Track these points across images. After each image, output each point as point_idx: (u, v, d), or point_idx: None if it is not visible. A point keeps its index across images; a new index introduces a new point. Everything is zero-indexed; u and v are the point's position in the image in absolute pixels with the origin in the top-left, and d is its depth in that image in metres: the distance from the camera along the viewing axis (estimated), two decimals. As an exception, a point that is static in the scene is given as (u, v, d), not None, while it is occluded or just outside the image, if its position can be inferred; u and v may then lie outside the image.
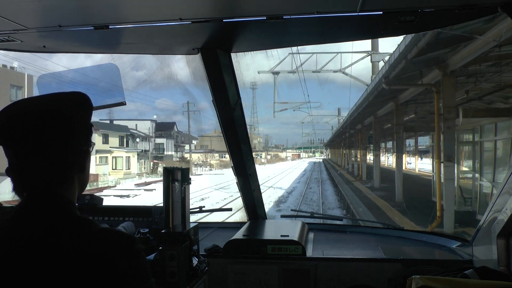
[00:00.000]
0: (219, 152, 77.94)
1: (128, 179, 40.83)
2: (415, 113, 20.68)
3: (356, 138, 38.02)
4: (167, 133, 64.14)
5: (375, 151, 25.72)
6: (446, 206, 12.30)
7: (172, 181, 2.08)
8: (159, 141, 62.13)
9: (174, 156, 62.69)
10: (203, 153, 76.89)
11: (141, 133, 55.10)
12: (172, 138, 65.03)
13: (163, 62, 2.94)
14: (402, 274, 2.17)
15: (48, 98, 1.16)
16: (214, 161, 72.26)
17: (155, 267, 1.94)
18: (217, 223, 3.49)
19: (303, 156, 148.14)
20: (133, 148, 50.78)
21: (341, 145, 54.51)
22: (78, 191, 1.18)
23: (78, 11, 1.77)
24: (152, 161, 55.10)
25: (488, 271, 1.71)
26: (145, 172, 51.03)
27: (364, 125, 30.86)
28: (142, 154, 52.56)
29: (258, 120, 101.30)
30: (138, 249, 1.08)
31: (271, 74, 24.72)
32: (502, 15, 1.72)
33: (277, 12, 1.75)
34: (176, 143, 66.63)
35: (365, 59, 22.39)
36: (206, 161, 70.40)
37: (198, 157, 70.21)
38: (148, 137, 56.14)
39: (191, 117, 53.12)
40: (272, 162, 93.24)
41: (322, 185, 34.80)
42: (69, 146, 1.11)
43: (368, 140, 30.00)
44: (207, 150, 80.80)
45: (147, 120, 58.23)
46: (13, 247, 1.01)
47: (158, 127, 62.52)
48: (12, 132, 1.07)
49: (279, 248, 2.39)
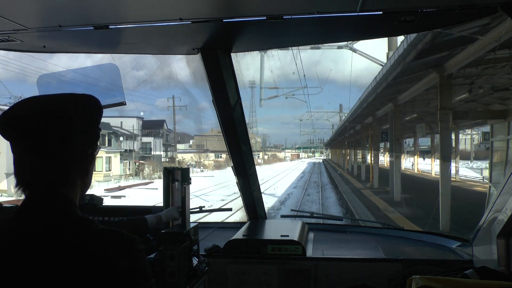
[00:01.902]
0: (214, 152, 74.75)
1: (107, 182, 36.53)
2: (470, 91, 13.38)
3: (364, 135, 32.90)
4: (156, 131, 59.73)
5: (395, 150, 19.39)
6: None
7: (172, 181, 2.08)
8: (146, 140, 57.48)
9: (163, 157, 57.72)
10: (197, 153, 71.87)
11: (126, 131, 50.29)
12: (160, 137, 60.24)
13: (163, 62, 2.94)
14: (402, 274, 2.17)
15: (52, 99, 1.16)
16: (208, 161, 68.46)
17: (155, 267, 1.94)
18: (217, 223, 3.49)
19: (303, 156, 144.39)
20: (116, 148, 45.33)
21: (345, 144, 47.94)
22: (80, 192, 1.18)
23: (78, 11, 1.76)
24: (137, 161, 49.90)
25: (488, 271, 1.71)
26: (129, 174, 45.95)
27: (376, 117, 24.80)
28: (126, 154, 47.15)
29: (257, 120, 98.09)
30: (138, 249, 1.08)
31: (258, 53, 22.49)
32: (502, 16, 1.72)
33: (277, 12, 1.75)
34: (167, 142, 61.71)
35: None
36: (200, 161, 65.51)
37: (191, 157, 64.97)
38: (133, 135, 51.13)
39: (186, 115, 50.89)
40: (269, 163, 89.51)
41: (322, 191, 30.28)
42: (72, 147, 1.11)
43: (381, 137, 24.81)
44: (201, 150, 76.28)
45: (133, 118, 52.65)
46: (14, 247, 1.01)
47: (145, 125, 58.11)
48: (17, 131, 1.07)
49: (279, 248, 2.39)
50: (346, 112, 40.47)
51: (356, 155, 42.16)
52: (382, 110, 21.93)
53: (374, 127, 26.43)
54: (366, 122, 28.57)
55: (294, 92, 30.71)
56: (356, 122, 29.47)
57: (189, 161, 58.81)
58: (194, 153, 71.80)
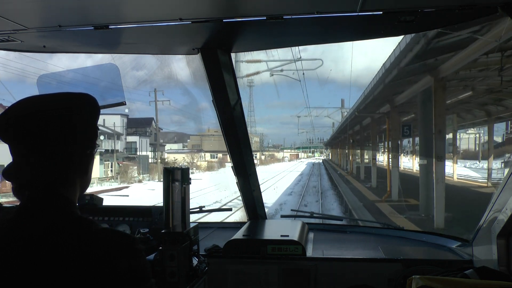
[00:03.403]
0: (209, 152, 71.62)
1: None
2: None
3: (374, 130, 26.95)
4: (142, 130, 54.64)
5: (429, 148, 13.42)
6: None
7: (172, 181, 2.08)
8: (131, 139, 51.79)
9: (150, 157, 51.61)
10: (189, 153, 64.91)
11: (107, 129, 44.80)
12: (147, 136, 54.80)
13: (163, 62, 2.95)
14: (402, 274, 2.17)
15: (52, 98, 1.16)
16: (202, 162, 61.79)
17: (155, 267, 1.94)
18: (217, 223, 3.49)
19: (302, 156, 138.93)
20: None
21: (348, 142, 40.48)
22: (79, 192, 1.18)
23: (78, 11, 1.76)
24: (120, 163, 44.43)
25: (488, 271, 1.71)
26: (110, 177, 40.86)
27: (395, 105, 19.01)
28: (107, 155, 42.39)
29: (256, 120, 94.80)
30: (138, 249, 1.08)
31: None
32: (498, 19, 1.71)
33: (277, 12, 1.76)
34: (155, 142, 54.27)
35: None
36: (193, 162, 58.12)
37: (183, 158, 57.55)
38: (116, 134, 45.73)
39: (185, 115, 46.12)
40: (265, 163, 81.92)
41: (323, 198, 24.85)
42: (72, 147, 1.11)
43: (401, 131, 19.01)
44: (194, 150, 71.00)
45: (117, 115, 46.80)
46: (14, 247, 1.01)
47: (130, 123, 52.77)
48: (15, 132, 1.07)
49: (279, 248, 2.39)
50: (348, 108, 33.94)
51: (362, 155, 36.64)
52: (400, 96, 16.70)
53: (394, 117, 19.81)
54: (379, 111, 22.46)
55: (283, 67, 21.88)
56: (368, 111, 23.05)
57: (181, 162, 50.70)
58: (186, 153, 65.66)
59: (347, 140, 40.36)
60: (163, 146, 59.06)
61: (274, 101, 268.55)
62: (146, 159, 49.44)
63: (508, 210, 1.82)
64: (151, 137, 55.52)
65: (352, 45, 22.74)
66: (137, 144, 51.35)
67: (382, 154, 43.57)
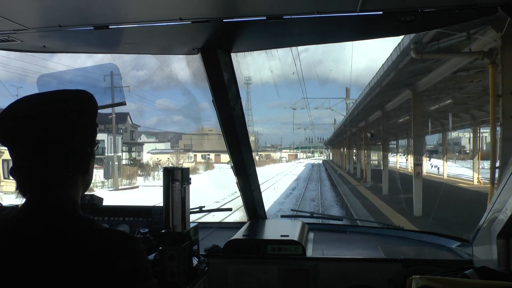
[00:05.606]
0: (199, 152, 67.45)
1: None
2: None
3: (383, 126, 22.72)
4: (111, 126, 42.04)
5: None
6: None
7: (172, 181, 2.08)
8: (98, 137, 47.07)
9: (123, 158, 45.45)
10: (175, 154, 56.87)
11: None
12: (120, 134, 46.63)
13: (163, 62, 2.95)
14: (402, 274, 2.17)
15: (50, 97, 1.16)
16: (190, 163, 55.24)
17: (155, 267, 1.94)
18: (217, 223, 3.49)
19: (301, 157, 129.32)
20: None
21: (353, 140, 35.93)
22: (82, 190, 1.18)
23: (78, 11, 1.77)
24: None
25: (488, 271, 1.71)
26: None
27: (417, 92, 14.84)
28: None
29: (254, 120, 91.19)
30: (139, 249, 1.08)
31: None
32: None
33: (277, 12, 1.76)
34: (131, 140, 50.94)
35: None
36: (179, 163, 46.52)
37: (168, 159, 49.46)
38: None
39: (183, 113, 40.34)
40: (261, 165, 68.46)
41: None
42: (72, 146, 1.11)
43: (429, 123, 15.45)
44: (181, 150, 62.93)
45: None
46: (16, 247, 1.01)
47: (100, 119, 48.05)
48: (14, 133, 1.07)
49: (279, 248, 2.39)
50: (353, 99, 28.30)
51: (368, 157, 30.21)
52: (425, 79, 13.57)
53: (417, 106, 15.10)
54: (394, 100, 17.97)
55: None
56: (381, 98, 18.07)
57: (165, 162, 43.57)
58: (171, 153, 57.74)
59: (352, 138, 35.45)
60: (140, 145, 54.59)
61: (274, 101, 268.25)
62: (118, 160, 41.20)
63: (508, 210, 1.82)
64: (125, 135, 49.36)
65: (352, 45, 22.67)
66: (105, 143, 42.03)
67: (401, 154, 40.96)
